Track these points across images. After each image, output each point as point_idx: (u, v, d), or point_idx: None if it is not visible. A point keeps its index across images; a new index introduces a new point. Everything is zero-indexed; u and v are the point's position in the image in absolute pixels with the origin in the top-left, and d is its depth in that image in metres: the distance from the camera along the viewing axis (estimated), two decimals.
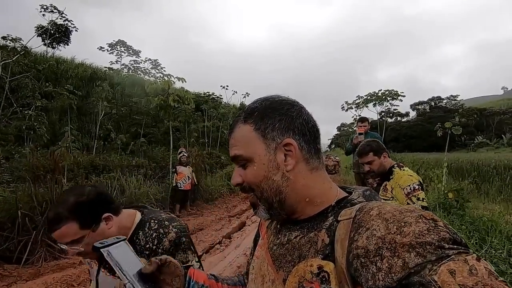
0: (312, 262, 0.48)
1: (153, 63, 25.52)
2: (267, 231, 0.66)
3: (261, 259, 0.61)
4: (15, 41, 10.20)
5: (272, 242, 0.60)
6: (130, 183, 5.78)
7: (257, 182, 0.56)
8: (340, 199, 0.55)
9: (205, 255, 4.06)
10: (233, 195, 9.06)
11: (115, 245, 0.59)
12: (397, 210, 0.42)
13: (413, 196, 1.84)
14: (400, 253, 0.36)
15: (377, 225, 0.41)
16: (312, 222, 0.54)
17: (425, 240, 0.36)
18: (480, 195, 7.98)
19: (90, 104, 11.54)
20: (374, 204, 0.47)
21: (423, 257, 0.35)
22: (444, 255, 0.35)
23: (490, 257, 3.05)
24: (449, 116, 23.49)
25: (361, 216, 0.45)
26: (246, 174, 0.57)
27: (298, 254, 0.51)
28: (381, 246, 0.38)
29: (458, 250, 0.35)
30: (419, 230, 0.37)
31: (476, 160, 12.25)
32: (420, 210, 0.42)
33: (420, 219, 0.39)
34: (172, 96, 6.56)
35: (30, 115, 8.10)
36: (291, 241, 0.54)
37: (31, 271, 3.37)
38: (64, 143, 7.18)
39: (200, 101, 15.60)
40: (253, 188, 0.57)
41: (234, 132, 0.59)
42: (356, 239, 0.42)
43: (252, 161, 0.56)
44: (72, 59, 15.70)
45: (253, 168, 0.56)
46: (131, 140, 11.86)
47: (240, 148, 0.57)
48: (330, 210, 0.53)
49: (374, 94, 18.71)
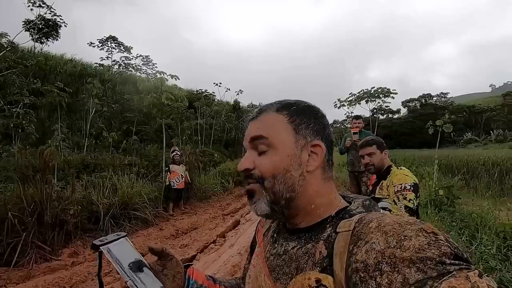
0: (310, 275, 0.47)
1: (144, 60, 25.19)
2: (263, 239, 0.64)
3: (258, 269, 0.60)
4: (1, 36, 9.93)
5: (268, 251, 0.59)
6: (123, 182, 5.70)
7: (274, 172, 0.54)
8: (340, 210, 0.54)
9: (199, 254, 4.03)
10: (227, 193, 9.05)
11: (115, 242, 0.58)
12: (396, 222, 0.41)
13: (400, 194, 1.84)
14: (400, 269, 0.36)
15: (377, 238, 0.40)
16: (310, 233, 0.53)
17: (426, 255, 0.35)
18: (469, 191, 8.15)
19: (81, 101, 11.32)
20: (373, 215, 0.46)
21: (423, 273, 0.34)
22: (446, 271, 0.34)
23: (480, 253, 3.12)
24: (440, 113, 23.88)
25: (360, 228, 0.44)
26: (263, 161, 0.55)
27: (296, 266, 0.50)
28: (381, 260, 0.38)
29: (459, 266, 0.34)
30: (419, 244, 0.36)
31: (466, 157, 12.51)
32: (420, 223, 0.41)
33: (420, 232, 0.38)
34: (166, 93, 6.48)
35: (18, 112, 7.89)
36: (288, 252, 0.54)
37: (21, 273, 3.30)
38: (53, 142, 7.02)
39: (193, 98, 15.48)
40: (263, 178, 0.54)
41: (262, 116, 0.58)
42: (355, 253, 0.42)
43: (275, 149, 0.54)
44: (62, 55, 15.38)
45: (274, 156, 0.54)
46: (123, 138, 11.71)
47: (267, 132, 0.55)
48: (329, 220, 0.53)
49: (366, 92, 18.86)
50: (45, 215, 3.90)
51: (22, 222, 3.67)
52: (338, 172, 13.64)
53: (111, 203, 4.98)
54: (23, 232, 3.61)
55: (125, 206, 5.20)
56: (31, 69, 11.24)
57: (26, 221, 3.69)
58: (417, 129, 39.56)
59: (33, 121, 8.30)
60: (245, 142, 0.59)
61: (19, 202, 3.81)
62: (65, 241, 4.11)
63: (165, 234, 4.92)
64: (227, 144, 16.85)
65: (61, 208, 4.16)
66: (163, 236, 4.82)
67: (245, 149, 0.59)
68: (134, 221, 5.20)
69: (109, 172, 6.28)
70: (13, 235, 3.57)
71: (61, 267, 3.56)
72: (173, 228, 5.27)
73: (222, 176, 9.60)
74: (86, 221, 4.59)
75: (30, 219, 3.73)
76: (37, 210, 3.85)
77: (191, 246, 4.28)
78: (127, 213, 5.19)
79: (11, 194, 3.95)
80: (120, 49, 27.70)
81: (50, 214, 3.95)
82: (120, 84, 16.09)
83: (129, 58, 27.24)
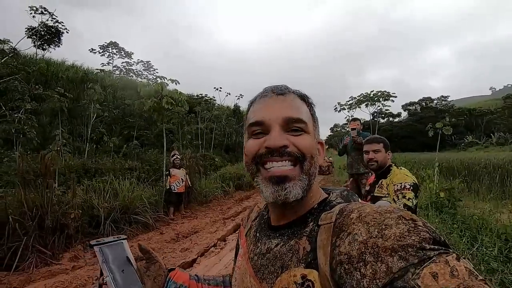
0: (295, 272, 0.47)
1: (145, 65, 25.34)
2: (246, 240, 0.64)
3: (243, 270, 0.59)
4: (3, 42, 10.02)
5: (252, 251, 0.58)
6: (123, 187, 5.71)
7: (312, 152, 0.53)
8: (321, 201, 0.55)
9: (200, 258, 4.02)
10: (228, 197, 9.03)
11: (111, 243, 0.63)
12: (376, 212, 0.42)
13: (400, 193, 1.87)
14: (383, 258, 0.36)
15: (358, 229, 0.41)
16: (292, 229, 0.53)
17: (407, 242, 0.36)
18: (471, 194, 8.12)
19: (82, 106, 11.39)
20: (353, 206, 0.46)
21: (405, 260, 0.35)
22: (426, 257, 0.35)
23: (481, 255, 3.10)
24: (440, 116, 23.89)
25: (342, 220, 0.44)
26: (301, 140, 0.53)
27: (281, 264, 0.50)
28: (364, 251, 0.38)
29: (439, 251, 0.35)
30: (399, 232, 0.37)
31: (467, 160, 12.48)
32: (399, 210, 0.41)
33: (400, 220, 0.39)
34: (166, 98, 6.52)
35: (20, 118, 7.95)
36: (272, 250, 0.53)
37: (22, 278, 3.29)
38: (54, 147, 7.05)
39: (194, 103, 15.55)
40: (304, 155, 0.52)
41: (290, 97, 0.56)
42: (338, 245, 0.42)
43: (308, 134, 0.54)
44: (63, 61, 15.50)
45: (309, 139, 0.54)
46: (123, 142, 11.75)
47: (304, 117, 0.55)
48: (311, 213, 0.53)
49: (366, 95, 18.90)
50: (46, 219, 3.90)
51: (23, 226, 3.67)
52: (339, 175, 13.63)
53: (111, 207, 4.98)
54: (24, 236, 3.62)
55: (125, 210, 5.21)
56: (32, 75, 11.34)
57: (27, 225, 3.70)
58: (418, 132, 39.56)
59: (34, 127, 8.35)
60: (275, 115, 0.53)
61: (20, 206, 3.82)
62: (65, 245, 4.11)
63: (165, 238, 4.91)
64: (227, 149, 16.88)
65: (62, 212, 4.16)
66: (164, 240, 4.81)
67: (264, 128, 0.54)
68: (135, 225, 5.20)
69: (109, 176, 6.29)
70: (14, 239, 3.57)
71: (61, 271, 3.55)
72: (173, 232, 5.26)
73: (222, 180, 9.59)
74: (87, 225, 4.59)
75: (31, 223, 3.74)
76: (38, 214, 3.86)
77: (191, 250, 4.27)
78: (128, 217, 5.19)
79: (12, 198, 3.95)
80: (121, 55, 27.92)
81: (51, 218, 3.96)
82: (121, 89, 16.19)
83: (130, 63, 27.41)
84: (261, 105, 0.56)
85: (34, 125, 8.37)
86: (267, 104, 0.55)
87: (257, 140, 0.53)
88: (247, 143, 0.56)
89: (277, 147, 0.50)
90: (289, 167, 0.51)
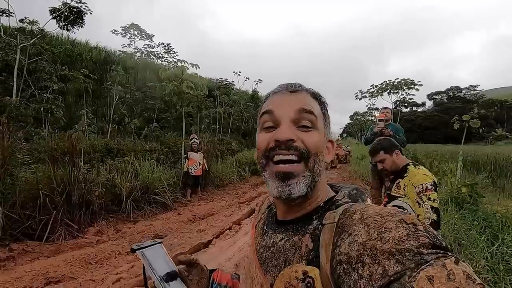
0: (297, 267, 0.48)
1: (166, 48, 25.44)
2: (255, 231, 0.66)
3: (250, 260, 0.62)
4: (32, 23, 10.34)
5: (259, 243, 0.60)
6: (144, 167, 5.93)
7: (318, 150, 0.54)
8: (328, 200, 0.56)
9: (215, 239, 4.17)
10: (243, 182, 9.17)
11: (150, 247, 0.66)
12: (378, 214, 0.42)
13: (423, 195, 1.82)
14: (380, 261, 0.37)
15: (359, 231, 0.41)
16: (297, 225, 0.54)
17: (405, 246, 0.36)
18: (495, 190, 7.78)
19: (105, 88, 11.72)
20: (357, 207, 0.46)
21: (402, 264, 0.35)
22: (423, 261, 0.35)
23: (501, 254, 3.01)
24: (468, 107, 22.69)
25: (344, 220, 0.45)
26: (308, 136, 0.54)
27: (284, 259, 0.51)
28: (363, 252, 0.39)
29: (436, 255, 0.35)
30: (398, 236, 0.37)
31: (494, 154, 11.88)
32: (401, 213, 0.41)
33: (400, 223, 0.39)
34: (186, 82, 6.58)
35: (48, 98, 8.31)
36: (277, 244, 0.55)
37: (52, 248, 3.57)
38: (80, 127, 7.37)
39: (213, 87, 15.57)
40: (309, 152, 0.53)
41: (303, 94, 0.58)
42: (339, 245, 0.43)
43: (317, 130, 0.55)
44: (87, 42, 15.83)
45: (317, 136, 0.55)
46: (144, 124, 12.05)
47: (315, 111, 0.56)
48: (317, 211, 0.54)
49: (389, 83, 18.16)
50: (72, 195, 4.15)
51: (52, 201, 3.93)
52: (356, 165, 13.42)
53: (132, 187, 5.21)
54: (53, 210, 3.88)
55: (145, 190, 5.43)
56: (59, 56, 11.70)
57: (56, 200, 3.96)
58: (443, 123, 37.88)
59: (61, 106, 8.72)
60: (286, 111, 0.55)
61: (49, 182, 4.08)
62: (90, 220, 4.38)
63: (183, 218, 5.10)
64: (244, 134, 16.94)
65: (87, 189, 4.41)
66: (181, 220, 5.00)
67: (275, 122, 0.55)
68: (154, 205, 5.43)
69: (131, 157, 6.54)
70: (44, 212, 3.84)
71: (87, 244, 3.81)
72: (190, 213, 5.44)
73: (239, 165, 9.72)
74: (110, 203, 4.85)
75: (60, 198, 3.99)
76: (66, 190, 4.11)
77: (207, 231, 4.42)
78: (148, 197, 5.42)
79: (42, 174, 4.21)
80: (142, 37, 28.13)
81: (77, 195, 4.20)
82: (142, 71, 16.44)
83: (151, 46, 27.61)
84: (274, 100, 0.58)
85: (60, 105, 8.74)
86: (279, 100, 0.57)
87: (268, 134, 0.55)
88: (258, 136, 0.58)
89: (284, 140, 0.52)
90: (294, 163, 0.52)
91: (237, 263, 3.27)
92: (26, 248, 3.45)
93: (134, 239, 4.02)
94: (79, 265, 3.16)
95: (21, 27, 10.37)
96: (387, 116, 4.21)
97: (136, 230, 4.39)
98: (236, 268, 3.18)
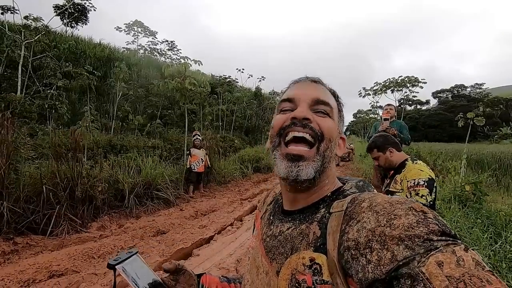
0: (304, 254, 0.48)
1: (169, 45, 25.46)
2: (261, 222, 0.66)
3: (256, 250, 0.62)
4: (36, 20, 10.39)
5: (265, 233, 0.60)
6: (146, 164, 5.96)
7: (331, 135, 0.56)
8: (335, 190, 0.56)
9: (217, 235, 4.18)
10: (246, 179, 9.18)
11: (128, 260, 0.60)
12: (387, 202, 0.42)
13: (413, 190, 1.82)
14: (390, 246, 0.37)
15: (368, 218, 0.41)
16: (304, 214, 0.55)
17: (414, 233, 0.36)
18: (500, 189, 7.72)
19: (108, 84, 11.76)
20: (365, 195, 0.47)
21: (411, 250, 0.35)
22: (433, 247, 0.35)
23: (504, 252, 2.99)
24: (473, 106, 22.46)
25: (352, 208, 0.45)
26: (324, 121, 0.56)
27: (291, 246, 0.52)
28: (371, 238, 0.39)
29: (446, 242, 0.35)
30: (408, 222, 0.37)
31: (499, 152, 11.77)
32: (411, 201, 0.41)
33: (410, 211, 0.39)
34: (189, 78, 6.58)
35: (52, 94, 8.37)
36: (284, 233, 0.55)
37: (55, 242, 3.61)
38: (84, 123, 7.41)
39: (216, 83, 15.56)
40: (323, 135, 0.54)
41: (321, 85, 0.61)
42: (347, 232, 0.43)
43: (332, 120, 0.58)
44: (90, 39, 15.88)
45: (332, 122, 0.57)
46: (147, 121, 12.09)
47: (331, 104, 0.58)
48: (324, 200, 0.54)
49: (393, 80, 18.04)
50: (76, 190, 4.19)
51: (55, 195, 3.97)
52: (359, 163, 13.36)
53: (135, 183, 5.24)
54: (56, 205, 3.92)
55: (148, 186, 5.46)
56: (63, 53, 11.76)
57: (59, 195, 4.00)
58: (447, 121, 37.61)
59: (65, 103, 8.78)
60: (305, 96, 0.57)
61: (53, 177, 4.12)
62: (93, 215, 4.42)
63: (185, 214, 5.12)
64: (247, 131, 16.94)
65: (90, 184, 4.44)
66: (183, 216, 5.02)
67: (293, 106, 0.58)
68: (157, 201, 5.46)
69: (134, 153, 6.58)
70: (48, 207, 3.88)
71: (90, 238, 3.85)
72: (192, 209, 5.47)
73: (241, 162, 9.73)
74: (113, 198, 4.88)
75: (63, 193, 4.03)
76: (69, 185, 4.15)
77: (209, 227, 4.44)
78: (150, 192, 5.45)
79: (46, 170, 4.25)
80: (146, 34, 28.15)
81: (81, 190, 4.24)
82: (146, 68, 16.46)
83: (154, 43, 27.63)
84: (294, 86, 0.61)
85: (64, 101, 8.80)
86: (300, 86, 0.60)
87: (285, 115, 0.57)
88: (275, 118, 0.59)
89: (300, 118, 0.54)
90: (306, 147, 0.53)
91: (239, 259, 3.29)
92: (30, 242, 3.49)
93: (137, 235, 4.05)
94: (82, 259, 3.19)
95: (25, 24, 10.43)
96: (390, 113, 4.18)
97: (138, 225, 4.42)
98: (237, 263, 3.19)
